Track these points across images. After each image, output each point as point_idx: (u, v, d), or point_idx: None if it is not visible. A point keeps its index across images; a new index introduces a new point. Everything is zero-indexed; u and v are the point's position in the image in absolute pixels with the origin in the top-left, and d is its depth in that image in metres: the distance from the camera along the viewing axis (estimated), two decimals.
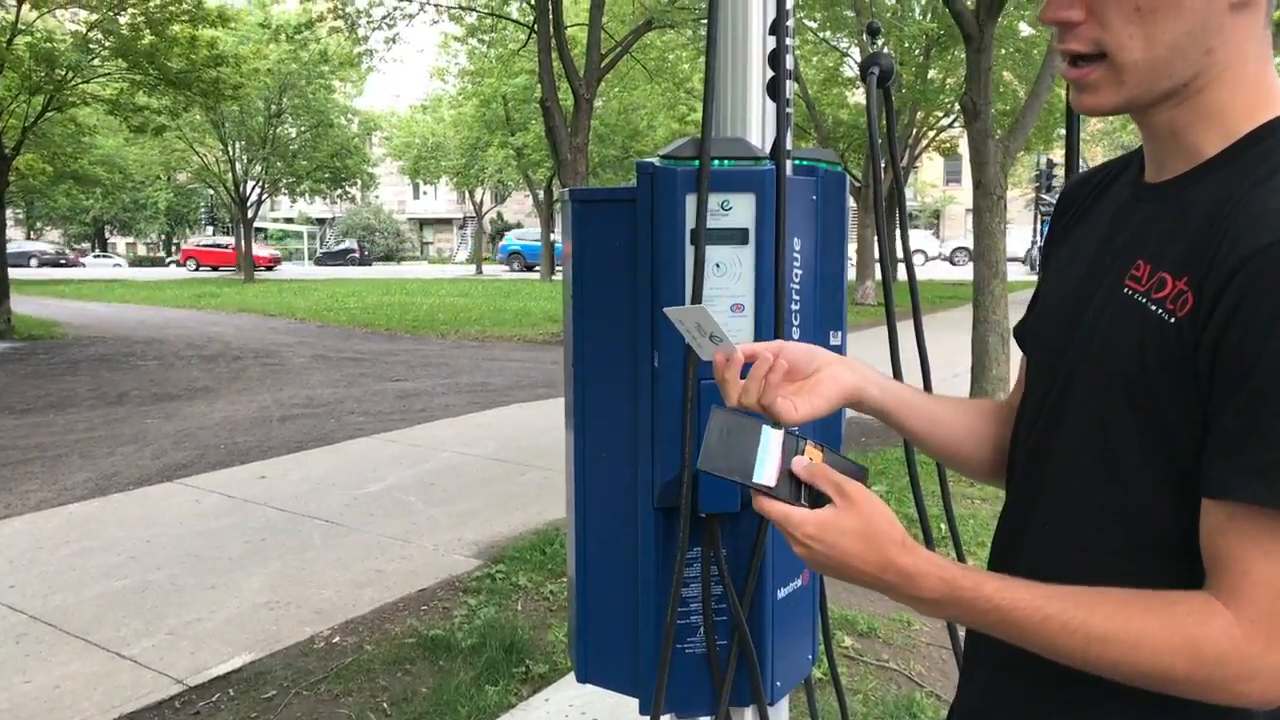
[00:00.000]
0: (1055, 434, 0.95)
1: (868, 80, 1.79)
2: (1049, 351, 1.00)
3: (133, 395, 9.42)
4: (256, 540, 4.91)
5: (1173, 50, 0.84)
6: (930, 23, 15.69)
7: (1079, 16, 0.86)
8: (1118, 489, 0.87)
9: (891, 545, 0.86)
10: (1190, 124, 0.88)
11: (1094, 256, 0.97)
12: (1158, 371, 0.83)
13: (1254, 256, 0.76)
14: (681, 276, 1.63)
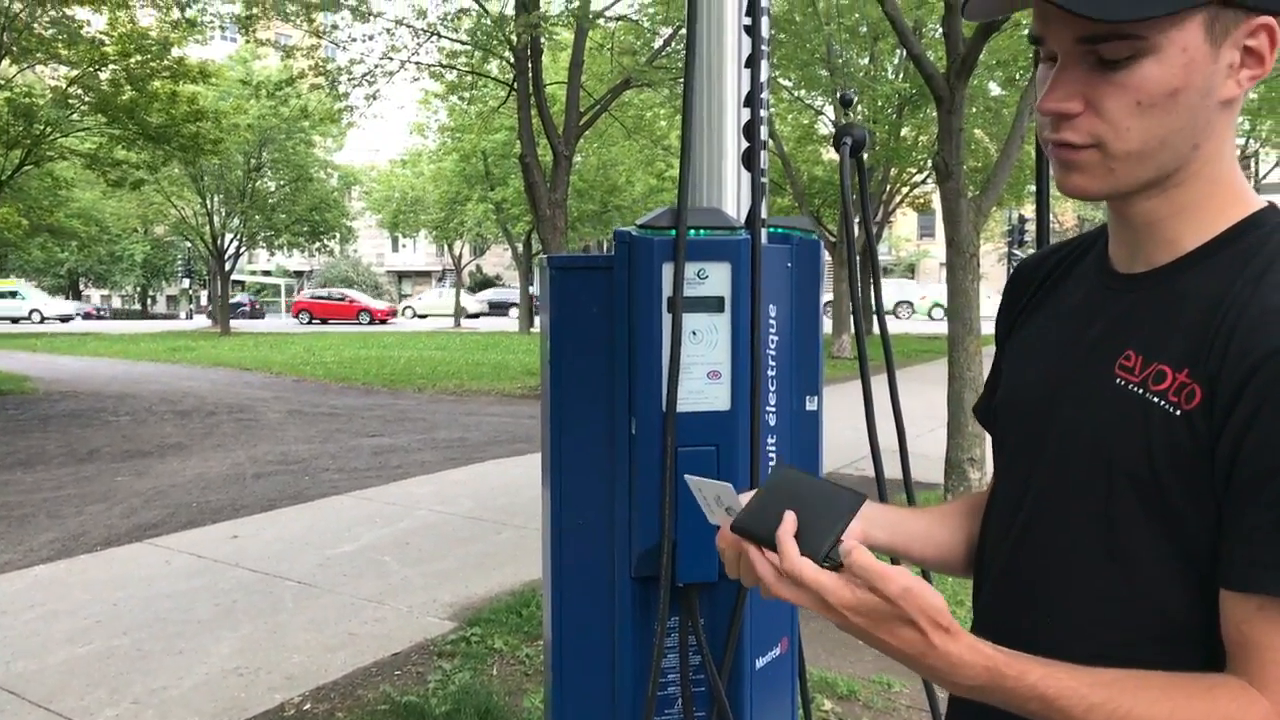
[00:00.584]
0: (1048, 525, 0.95)
1: (841, 150, 1.82)
2: (1026, 438, 1.00)
3: (103, 452, 9.28)
4: (227, 602, 4.81)
5: (1164, 144, 0.86)
6: (903, 83, 16.04)
7: (1078, 108, 0.87)
8: (1123, 581, 0.88)
9: (935, 631, 0.83)
10: (1169, 216, 0.90)
11: (1068, 342, 0.98)
12: (1166, 464, 0.84)
13: (1272, 356, 0.78)
14: (658, 344, 1.63)
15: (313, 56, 13.79)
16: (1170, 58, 0.83)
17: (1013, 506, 1.00)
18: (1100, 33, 0.83)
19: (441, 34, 13.71)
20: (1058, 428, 0.94)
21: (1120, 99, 0.85)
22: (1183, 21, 0.82)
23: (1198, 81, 0.84)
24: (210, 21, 13.23)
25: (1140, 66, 0.84)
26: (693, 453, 1.66)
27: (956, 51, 5.82)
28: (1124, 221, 0.94)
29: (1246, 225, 0.89)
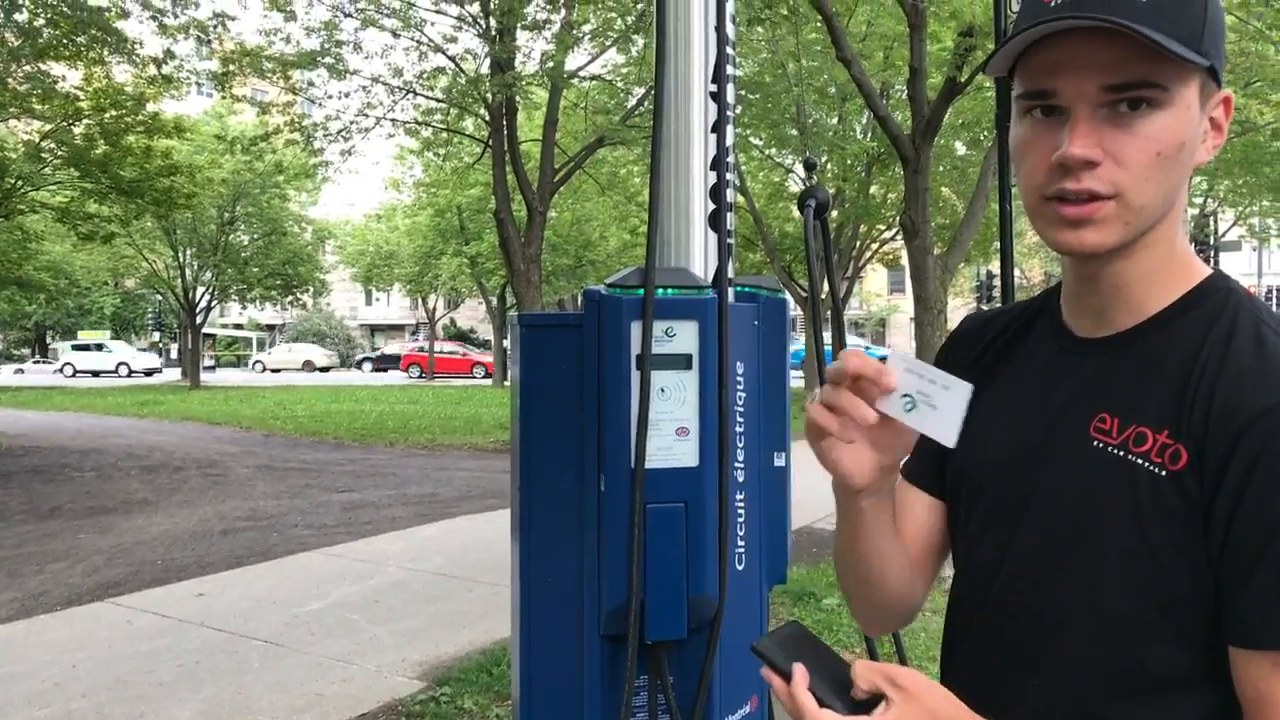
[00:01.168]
0: (1032, 588, 0.95)
1: (805, 212, 1.87)
2: (1001, 503, 0.99)
3: (66, 509, 9.11)
4: (190, 663, 4.71)
5: (1166, 197, 0.89)
6: (871, 142, 16.37)
7: (1100, 156, 0.87)
8: (1108, 639, 0.89)
9: None
10: (1137, 279, 0.93)
11: (1035, 408, 0.98)
12: (1154, 524, 0.86)
13: (1260, 417, 0.81)
14: (627, 400, 1.65)
15: (288, 112, 13.88)
16: (1180, 112, 0.87)
17: (989, 572, 1.00)
18: (1131, 79, 0.85)
19: (417, 92, 13.87)
20: (1036, 494, 0.95)
21: (1143, 149, 0.86)
22: (1189, 79, 0.87)
23: (1190, 141, 0.88)
24: (186, 78, 13.29)
25: (1160, 117, 0.86)
26: (661, 509, 1.67)
27: (921, 114, 5.98)
28: (1091, 285, 0.95)
29: (1204, 289, 0.93)
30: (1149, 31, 0.82)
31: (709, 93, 1.77)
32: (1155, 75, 0.85)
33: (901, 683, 0.85)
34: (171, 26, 11.76)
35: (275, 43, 12.88)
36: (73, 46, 11.99)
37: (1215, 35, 0.88)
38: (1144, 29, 0.82)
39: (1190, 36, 0.85)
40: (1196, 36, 0.85)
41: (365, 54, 13.29)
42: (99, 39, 11.90)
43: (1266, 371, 0.84)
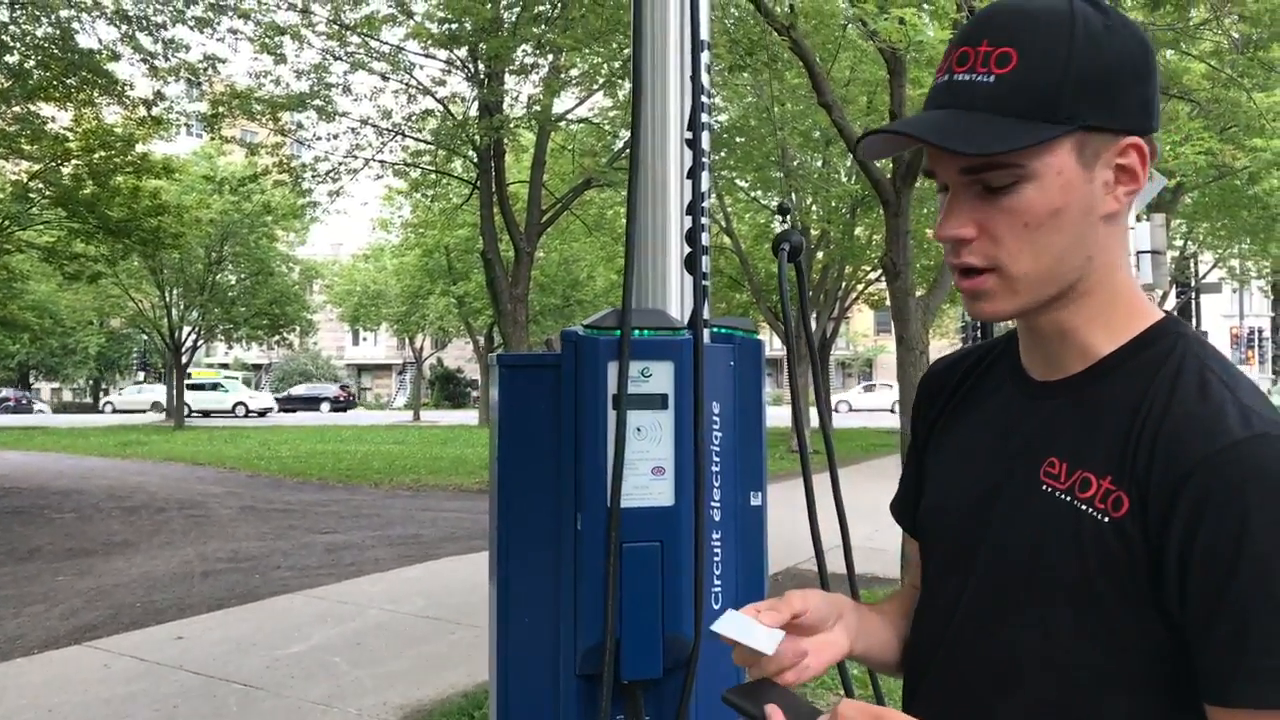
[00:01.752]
0: (984, 635, 0.96)
1: (779, 256, 1.91)
2: (957, 548, 1.01)
3: (45, 550, 9.00)
4: (167, 708, 4.64)
5: (1058, 260, 0.91)
6: (855, 184, 16.56)
7: (972, 233, 0.92)
8: (1060, 688, 0.89)
9: None
10: (1080, 325, 0.95)
11: (992, 452, 1.00)
12: (1099, 571, 0.86)
13: (1202, 463, 0.82)
14: (604, 440, 1.67)
15: (277, 153, 13.99)
16: (1048, 182, 0.89)
17: (945, 616, 1.01)
18: (977, 164, 0.90)
19: (406, 134, 14.01)
20: (989, 539, 0.97)
21: (1009, 222, 0.91)
22: (1053, 148, 0.89)
23: (1076, 200, 0.90)
24: (176, 119, 13.39)
25: (1023, 191, 0.89)
26: (637, 548, 1.69)
27: (902, 158, 6.08)
28: (1036, 333, 0.98)
29: (1153, 333, 0.94)
30: (943, 138, 0.88)
31: (685, 140, 1.82)
32: (1004, 156, 0.89)
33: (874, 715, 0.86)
34: (162, 69, 11.88)
35: (265, 85, 13.03)
36: (63, 88, 12.10)
37: (1090, 90, 0.89)
38: (940, 135, 0.89)
39: (1041, 105, 0.88)
40: (1050, 103, 0.88)
41: (354, 96, 13.45)
42: (89, 81, 12.01)
43: (1209, 418, 0.84)
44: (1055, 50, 0.88)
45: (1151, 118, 0.93)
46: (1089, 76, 0.88)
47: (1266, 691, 0.78)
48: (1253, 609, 0.79)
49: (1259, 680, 0.79)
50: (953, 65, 0.93)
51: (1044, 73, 0.88)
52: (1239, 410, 0.84)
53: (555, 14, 9.74)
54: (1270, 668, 0.78)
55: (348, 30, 12.26)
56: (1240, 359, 43.54)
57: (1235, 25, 5.91)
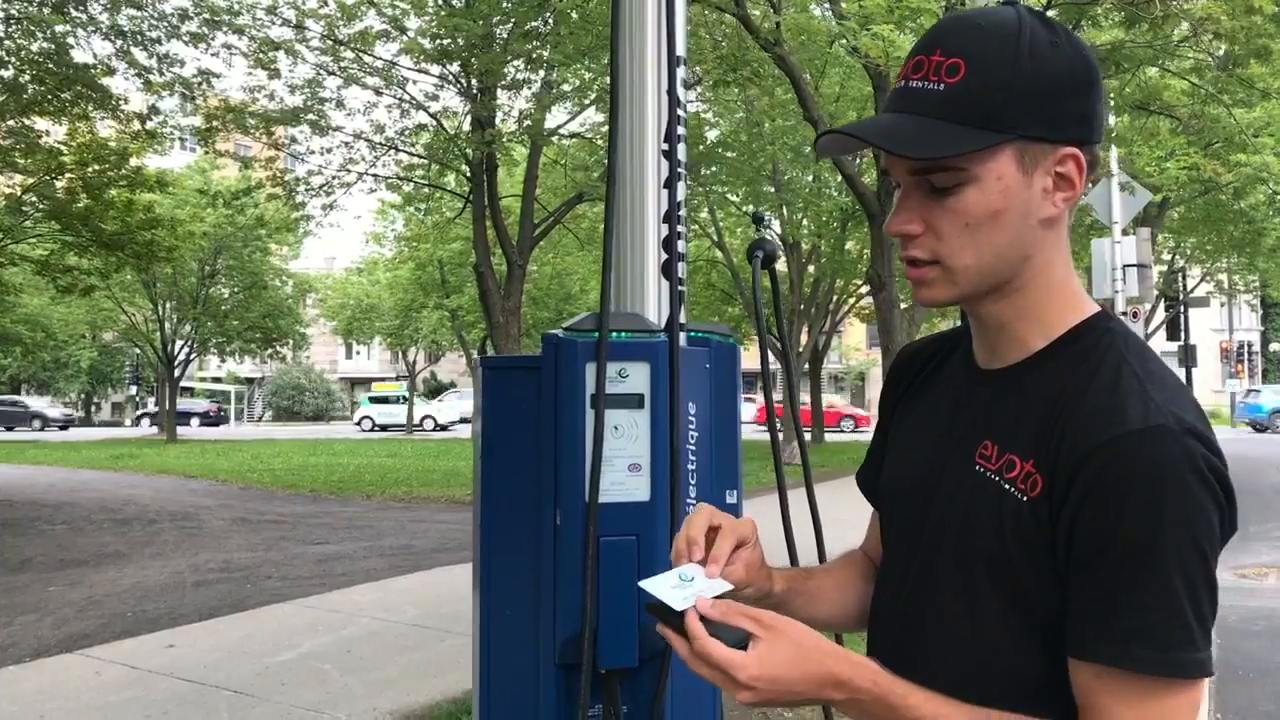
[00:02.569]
0: (926, 603, 1.05)
1: (753, 263, 1.99)
2: (906, 519, 1.11)
3: (37, 561, 9.02)
4: (158, 714, 4.68)
5: (996, 257, 0.99)
6: (844, 198, 16.70)
7: (918, 229, 1.00)
8: (986, 651, 0.98)
9: (826, 658, 0.93)
10: (1015, 319, 1.03)
11: (940, 432, 1.10)
12: (1015, 545, 0.95)
13: (1100, 449, 0.90)
14: (582, 438, 1.75)
15: (271, 167, 14.06)
16: (989, 185, 0.97)
17: (896, 585, 1.11)
18: (924, 166, 0.99)
19: (399, 148, 14.10)
20: (931, 514, 1.06)
21: (952, 221, 0.99)
22: (995, 154, 0.97)
23: (1015, 204, 0.98)
24: (170, 133, 13.47)
25: (965, 193, 0.97)
26: (614, 542, 1.76)
27: (886, 172, 6.19)
28: (979, 323, 1.07)
29: (1083, 328, 1.02)
30: (890, 142, 0.97)
31: (662, 151, 1.90)
32: (949, 160, 0.96)
33: (766, 621, 0.94)
34: (157, 84, 11.97)
35: (259, 99, 13.12)
36: (58, 102, 12.17)
37: (1033, 101, 0.95)
38: (886, 139, 0.97)
39: (984, 115, 0.95)
40: (993, 113, 0.95)
41: (348, 111, 13.53)
42: (84, 95, 12.08)
43: (1113, 408, 0.92)
44: (1000, 64, 0.95)
45: (1092, 130, 1.00)
46: (1030, 90, 0.95)
47: (1118, 653, 0.88)
48: (1116, 584, 0.89)
49: (1112, 642, 0.89)
50: (909, 72, 1.00)
51: (988, 84, 0.95)
52: (1143, 403, 0.92)
53: (546, 30, 9.85)
54: (1122, 630, 0.88)
55: (341, 45, 12.37)
56: (1230, 373, 43.77)
57: (1213, 43, 6.04)
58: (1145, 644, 0.87)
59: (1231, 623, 6.67)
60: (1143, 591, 0.88)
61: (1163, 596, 0.87)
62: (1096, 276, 11.91)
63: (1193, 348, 25.12)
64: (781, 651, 0.92)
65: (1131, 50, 5.38)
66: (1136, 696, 0.88)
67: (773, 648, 0.92)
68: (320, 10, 12.15)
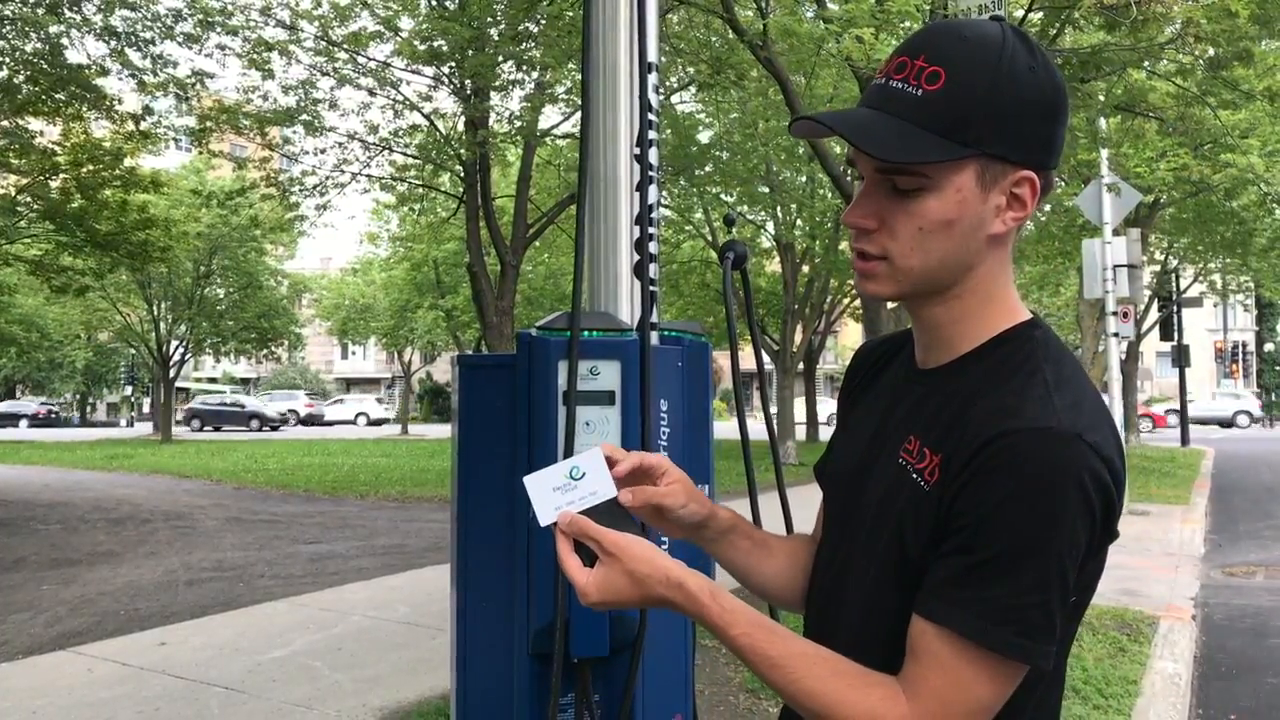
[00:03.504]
0: (840, 587, 1.13)
1: (724, 264, 2.04)
2: (840, 507, 1.18)
3: (30, 560, 9.05)
4: (150, 710, 4.72)
5: (941, 264, 1.04)
6: (838, 199, 16.75)
7: (874, 225, 1.04)
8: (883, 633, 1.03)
9: (658, 585, 1.02)
10: (950, 323, 1.08)
11: (877, 427, 1.16)
12: (911, 533, 1.00)
13: (991, 440, 0.95)
14: (555, 433, 1.80)
15: (265, 167, 14.09)
16: (948, 195, 1.00)
17: (824, 568, 1.19)
18: (889, 166, 1.02)
19: (393, 148, 14.14)
20: (859, 505, 1.12)
21: (907, 223, 1.02)
22: (960, 167, 1.00)
23: (969, 217, 1.02)
24: (164, 134, 13.49)
25: (924, 199, 1.01)
26: None
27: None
28: (918, 323, 1.13)
29: (1009, 334, 1.07)
30: (862, 139, 1.00)
31: (634, 155, 1.95)
32: (915, 166, 1.00)
33: (607, 547, 1.03)
34: (151, 84, 11.99)
35: (253, 99, 13.15)
36: (51, 102, 12.18)
37: (999, 122, 0.98)
38: (857, 134, 1.00)
39: (951, 127, 0.99)
40: (960, 127, 0.98)
41: (342, 111, 13.57)
42: (78, 95, 12.10)
43: (1012, 406, 0.97)
44: (977, 80, 0.98)
45: (1051, 155, 1.04)
46: (1001, 110, 0.99)
47: (950, 613, 0.94)
48: (969, 556, 0.94)
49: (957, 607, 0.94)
50: (891, 71, 1.03)
51: (964, 98, 0.98)
52: (1042, 405, 0.96)
53: (538, 32, 9.90)
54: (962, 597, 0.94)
55: (335, 46, 12.41)
56: (1225, 373, 43.88)
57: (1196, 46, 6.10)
58: (974, 613, 0.92)
59: (1217, 620, 6.74)
60: (990, 570, 0.93)
61: (1008, 581, 0.92)
62: (1087, 277, 11.99)
63: (1186, 348, 25.20)
64: (617, 579, 1.02)
65: (1114, 53, 5.43)
66: (948, 654, 0.94)
67: (609, 574, 1.03)
68: (314, 11, 12.18)
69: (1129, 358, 20.69)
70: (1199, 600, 7.25)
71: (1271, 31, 5.86)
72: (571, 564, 1.05)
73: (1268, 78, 8.48)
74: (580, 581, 1.04)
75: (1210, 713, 4.90)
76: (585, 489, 1.08)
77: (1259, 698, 5.12)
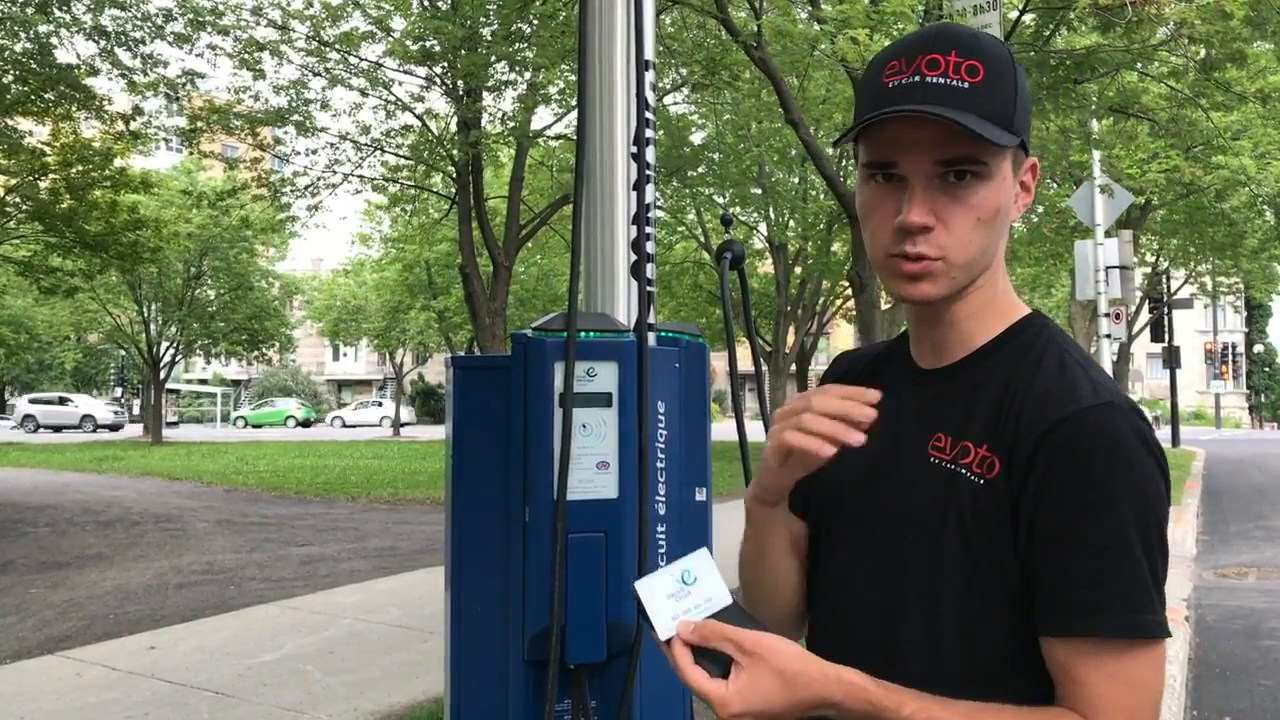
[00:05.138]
0: (892, 596, 1.05)
1: (721, 264, 2.02)
2: (850, 521, 1.12)
3: (18, 564, 8.97)
4: (139, 715, 4.67)
5: (982, 254, 1.04)
6: (830, 201, 16.77)
7: (934, 223, 1.00)
8: (959, 634, 1.01)
9: (814, 683, 0.92)
10: (966, 317, 1.08)
11: (883, 434, 1.08)
12: (975, 527, 0.99)
13: (1061, 423, 0.95)
14: (551, 436, 1.77)
15: (256, 168, 14.03)
16: (998, 183, 1.02)
17: (841, 582, 1.13)
18: (959, 156, 1.00)
19: (385, 149, 14.09)
20: (888, 506, 1.08)
21: (966, 216, 1.01)
22: (1005, 155, 1.03)
23: (1005, 204, 1.04)
24: (155, 134, 13.42)
25: (979, 189, 1.00)
26: (582, 539, 1.78)
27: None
28: (932, 323, 1.10)
29: (1022, 325, 1.09)
30: (969, 122, 0.97)
31: (631, 154, 1.92)
32: (977, 153, 0.99)
33: (748, 647, 0.92)
34: (141, 84, 11.92)
35: (244, 100, 13.09)
36: (41, 102, 12.11)
37: (1024, 112, 1.04)
38: (963, 119, 0.97)
39: (1003, 117, 1.00)
40: (1009, 117, 1.01)
41: (333, 112, 13.53)
42: (67, 95, 12.03)
43: (1064, 390, 0.99)
44: (1007, 73, 1.02)
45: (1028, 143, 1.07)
46: (1024, 97, 1.03)
47: (1091, 624, 0.92)
48: (1083, 554, 0.93)
49: (1084, 615, 0.92)
50: (922, 68, 1.00)
51: (1003, 90, 1.01)
52: (1090, 384, 0.99)
53: (530, 32, 9.87)
54: (1093, 600, 0.92)
55: (327, 46, 12.36)
56: (1215, 374, 44.05)
57: (1190, 48, 6.11)
58: (1115, 611, 0.91)
59: (1210, 621, 6.74)
60: (1108, 558, 0.92)
61: (1127, 563, 0.92)
62: (1079, 278, 12.01)
63: (1177, 349, 25.31)
64: (765, 681, 0.91)
65: (1109, 54, 5.44)
66: (1111, 663, 0.92)
67: (755, 678, 0.91)
68: (305, 11, 12.13)
69: (1120, 359, 20.74)
70: (1192, 601, 7.25)
71: (1265, 33, 5.88)
72: (697, 676, 0.92)
73: (1259, 79, 8.51)
74: (717, 692, 0.91)
75: (1205, 714, 4.89)
76: (700, 595, 0.96)
77: (1253, 699, 5.12)
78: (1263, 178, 10.38)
